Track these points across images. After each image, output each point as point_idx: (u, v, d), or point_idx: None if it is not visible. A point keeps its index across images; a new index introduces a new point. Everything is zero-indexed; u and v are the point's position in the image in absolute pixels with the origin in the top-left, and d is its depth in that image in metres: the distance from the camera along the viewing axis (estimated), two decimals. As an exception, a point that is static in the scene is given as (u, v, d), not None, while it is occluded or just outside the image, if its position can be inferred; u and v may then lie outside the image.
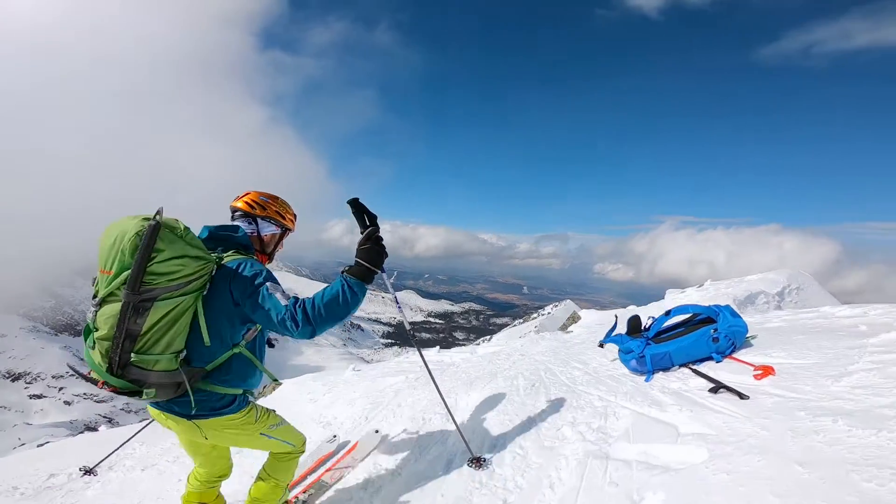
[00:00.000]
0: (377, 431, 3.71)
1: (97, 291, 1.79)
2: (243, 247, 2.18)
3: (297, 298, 1.92)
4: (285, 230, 2.42)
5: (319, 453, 3.80)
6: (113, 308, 1.75)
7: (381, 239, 2.05)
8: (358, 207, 2.14)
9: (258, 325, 2.12)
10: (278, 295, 1.92)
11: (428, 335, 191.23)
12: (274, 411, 2.42)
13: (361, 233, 2.07)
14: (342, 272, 1.95)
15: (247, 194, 2.35)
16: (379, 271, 2.04)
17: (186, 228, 1.87)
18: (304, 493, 3.14)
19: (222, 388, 2.06)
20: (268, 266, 2.29)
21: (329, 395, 5.46)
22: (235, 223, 2.29)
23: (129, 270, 1.70)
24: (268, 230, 2.35)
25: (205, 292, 1.95)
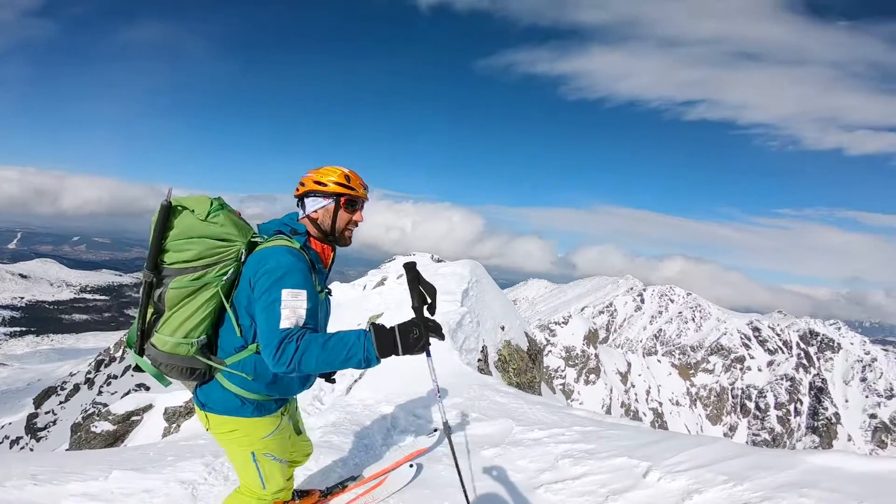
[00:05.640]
0: (411, 466, 3.22)
1: None
2: (290, 230, 1.90)
3: (302, 329, 1.66)
4: (339, 197, 1.94)
5: (415, 446, 3.60)
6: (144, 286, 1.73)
7: (432, 324, 1.73)
8: (415, 275, 1.85)
9: None
10: (286, 311, 1.66)
11: (84, 316, 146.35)
12: (283, 440, 2.10)
13: (413, 307, 1.80)
14: (366, 330, 1.66)
15: None
16: (404, 355, 1.68)
17: (218, 208, 1.75)
18: None
19: (233, 387, 1.88)
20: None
21: None
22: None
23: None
24: (313, 206, 1.96)
25: (226, 277, 1.77)
